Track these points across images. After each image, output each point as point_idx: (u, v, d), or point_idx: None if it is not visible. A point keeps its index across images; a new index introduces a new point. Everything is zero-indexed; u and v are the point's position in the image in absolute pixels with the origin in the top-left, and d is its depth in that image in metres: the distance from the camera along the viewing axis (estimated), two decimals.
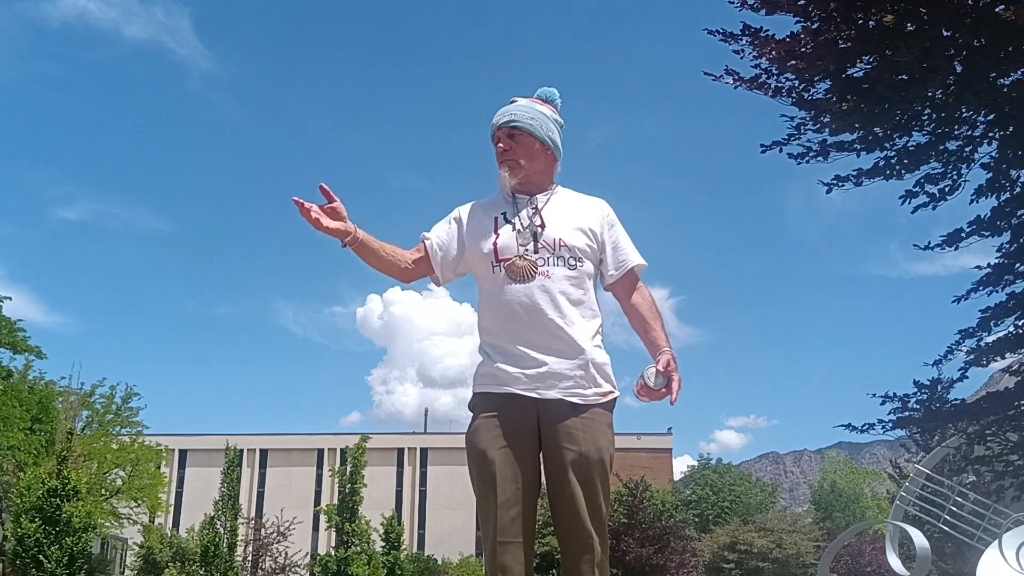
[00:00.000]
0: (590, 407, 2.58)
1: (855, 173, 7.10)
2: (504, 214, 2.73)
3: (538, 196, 2.75)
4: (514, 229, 2.68)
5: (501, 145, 2.73)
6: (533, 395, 2.56)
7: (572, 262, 2.66)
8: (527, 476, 2.53)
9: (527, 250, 2.64)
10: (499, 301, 2.63)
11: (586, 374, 2.59)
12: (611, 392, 2.64)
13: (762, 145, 6.96)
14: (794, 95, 6.78)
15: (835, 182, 7.11)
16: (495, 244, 2.67)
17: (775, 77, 6.69)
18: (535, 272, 2.62)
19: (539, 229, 2.68)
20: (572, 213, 2.74)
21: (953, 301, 7.37)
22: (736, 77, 6.64)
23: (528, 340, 2.59)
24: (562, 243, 2.66)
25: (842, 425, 7.50)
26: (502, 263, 2.64)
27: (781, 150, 6.90)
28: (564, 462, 2.51)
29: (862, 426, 7.35)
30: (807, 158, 6.90)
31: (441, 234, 2.80)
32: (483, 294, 2.72)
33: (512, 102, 2.81)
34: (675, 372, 2.56)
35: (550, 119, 2.77)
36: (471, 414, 2.67)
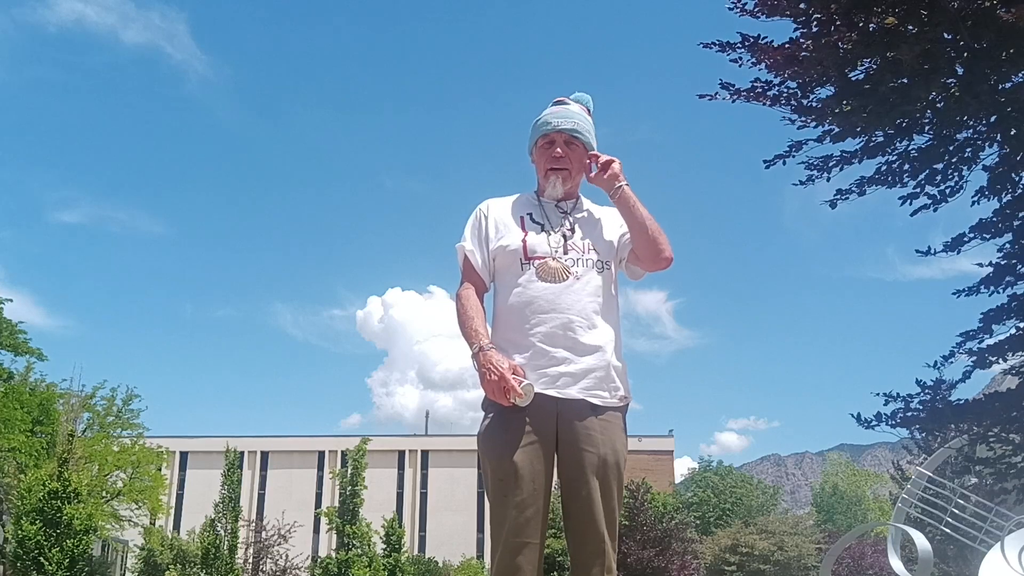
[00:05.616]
0: (608, 409, 2.57)
1: (857, 183, 7.09)
2: (530, 215, 2.73)
3: (566, 202, 2.76)
4: (543, 230, 2.68)
5: (559, 151, 2.70)
6: (553, 393, 2.53)
7: (600, 266, 2.67)
8: (543, 476, 2.50)
9: (558, 251, 2.64)
10: (524, 299, 2.60)
11: (606, 375, 2.58)
12: (627, 396, 2.65)
13: (765, 160, 6.96)
14: (794, 102, 6.76)
15: (838, 197, 7.12)
16: (524, 241, 2.65)
17: (775, 87, 6.68)
18: (568, 274, 2.61)
19: (569, 232, 2.68)
20: (597, 220, 2.76)
21: (954, 293, 7.38)
22: (733, 91, 6.61)
23: (551, 339, 2.56)
24: (591, 247, 2.68)
25: (849, 414, 7.49)
26: (532, 261, 2.63)
27: (784, 163, 6.91)
28: (583, 464, 2.49)
29: (869, 420, 7.33)
30: (812, 180, 6.94)
31: (475, 243, 2.73)
32: (504, 289, 2.67)
33: (560, 103, 2.78)
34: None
35: (594, 133, 2.78)
36: (483, 412, 2.62)
